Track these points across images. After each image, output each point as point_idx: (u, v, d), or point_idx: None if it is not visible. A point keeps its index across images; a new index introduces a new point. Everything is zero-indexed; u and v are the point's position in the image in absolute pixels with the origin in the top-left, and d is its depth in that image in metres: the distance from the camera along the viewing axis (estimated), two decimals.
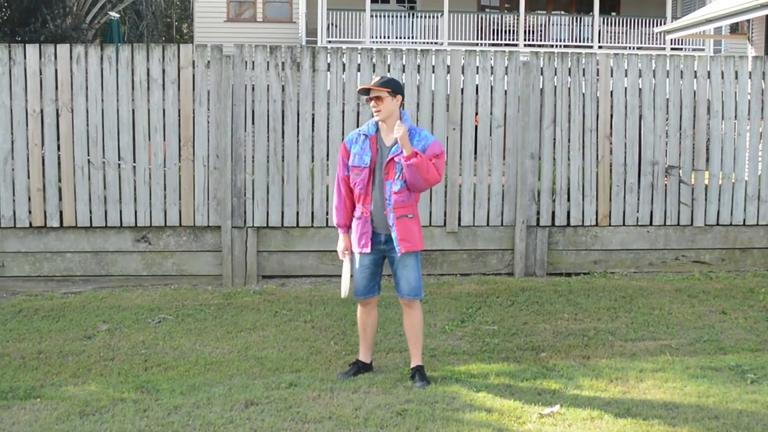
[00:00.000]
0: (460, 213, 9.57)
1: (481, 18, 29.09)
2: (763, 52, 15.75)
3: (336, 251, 6.42)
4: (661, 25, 25.02)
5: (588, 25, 28.91)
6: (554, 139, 9.63)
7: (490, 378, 6.25)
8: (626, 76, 9.72)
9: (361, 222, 6.13)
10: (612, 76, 9.72)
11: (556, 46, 27.61)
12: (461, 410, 5.56)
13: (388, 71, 9.37)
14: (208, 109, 9.20)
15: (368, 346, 6.43)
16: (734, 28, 19.57)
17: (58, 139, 9.06)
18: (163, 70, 9.13)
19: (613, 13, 30.14)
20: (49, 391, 6.05)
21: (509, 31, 28.66)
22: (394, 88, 6.03)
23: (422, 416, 5.43)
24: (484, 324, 7.80)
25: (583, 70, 9.66)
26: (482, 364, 6.63)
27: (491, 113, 9.56)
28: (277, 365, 6.67)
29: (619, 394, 5.90)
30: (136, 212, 9.15)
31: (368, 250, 6.12)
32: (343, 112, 9.37)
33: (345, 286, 6.32)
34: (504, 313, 8.15)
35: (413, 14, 29.33)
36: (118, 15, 18.43)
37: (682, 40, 25.40)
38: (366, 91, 6.11)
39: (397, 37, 27.96)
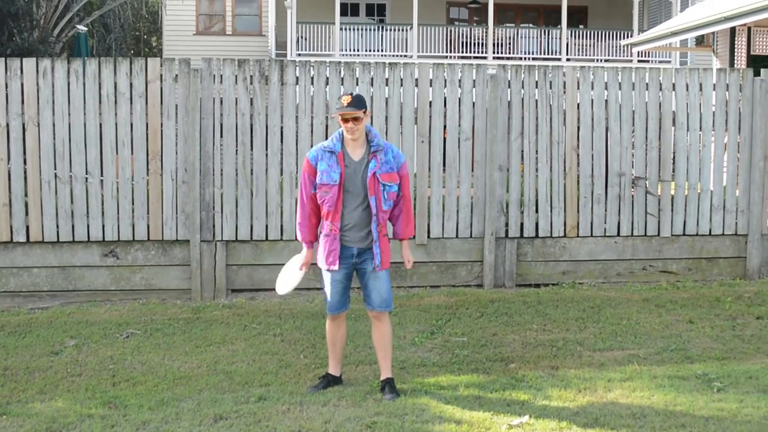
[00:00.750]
0: (429, 225, 9.60)
1: (450, 31, 29.23)
2: (727, 64, 15.94)
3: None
4: (628, 37, 25.27)
5: (556, 38, 29.14)
6: (522, 152, 9.70)
7: (460, 389, 6.27)
8: (593, 88, 9.81)
9: (329, 239, 6.10)
10: (579, 88, 9.81)
11: (525, 58, 27.80)
12: (431, 422, 5.57)
13: (357, 84, 9.39)
14: (177, 123, 9.18)
15: (338, 359, 6.42)
16: (700, 41, 19.78)
17: (25, 153, 9.00)
18: (131, 84, 9.10)
19: (581, 26, 30.41)
20: (15, 408, 5.99)
21: (478, 43, 28.83)
22: (365, 105, 6.06)
23: (392, 429, 5.43)
24: (453, 336, 7.82)
25: (550, 82, 9.74)
26: (452, 376, 6.64)
27: (459, 126, 9.61)
28: (246, 379, 6.65)
29: (587, 403, 5.94)
30: (103, 227, 9.10)
31: (336, 267, 6.11)
32: (312, 125, 9.39)
33: (285, 285, 6.50)
34: (473, 324, 8.17)
35: (383, 27, 29.42)
36: (85, 28, 18.34)
37: (648, 52, 25.65)
38: (350, 115, 6.02)
39: (366, 50, 28.03)
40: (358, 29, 28.64)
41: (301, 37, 27.99)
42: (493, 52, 27.95)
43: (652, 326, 8.07)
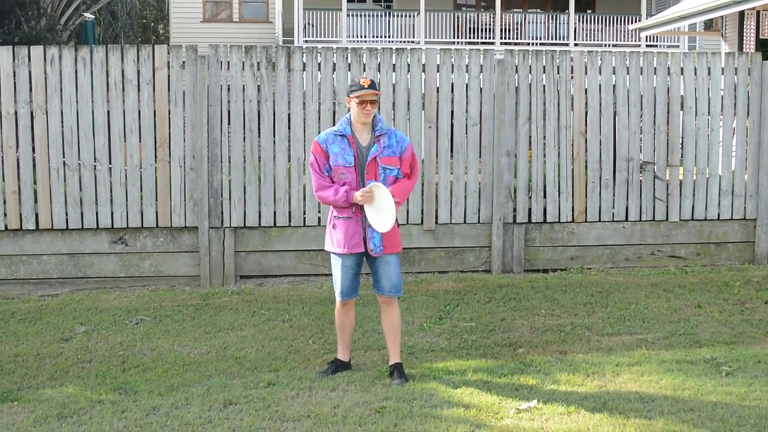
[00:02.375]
0: (437, 211, 9.60)
1: (458, 17, 29.14)
2: (736, 48, 15.88)
3: (312, 250, 6.39)
4: (636, 22, 25.15)
5: (564, 23, 29.02)
6: (530, 137, 9.68)
7: (468, 374, 6.28)
8: (600, 73, 9.77)
9: (351, 222, 6.06)
10: (586, 73, 9.77)
11: (533, 44, 27.72)
12: (439, 407, 5.58)
13: (364, 70, 9.38)
14: (184, 110, 9.18)
15: (346, 344, 6.44)
16: (708, 25, 19.71)
17: (33, 141, 9.02)
18: (138, 71, 9.11)
19: (589, 11, 30.28)
20: (26, 394, 6.02)
21: (485, 29, 28.73)
22: (378, 89, 6.09)
23: (401, 413, 5.44)
24: (461, 321, 7.83)
25: (558, 67, 9.71)
26: (460, 361, 6.65)
27: (467, 111, 9.59)
28: (255, 365, 6.67)
29: (595, 388, 5.95)
30: (112, 214, 9.12)
31: (362, 249, 6.09)
32: (319, 111, 9.38)
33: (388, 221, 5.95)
34: (481, 309, 8.19)
35: (390, 13, 29.34)
36: (93, 16, 18.34)
37: (656, 37, 25.56)
38: (357, 92, 5.99)
39: (373, 36, 27.97)
40: (365, 15, 28.57)
41: (308, 24, 27.93)
42: (501, 38, 27.87)
43: (661, 311, 8.07)
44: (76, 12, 20.27)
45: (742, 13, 15.61)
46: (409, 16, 28.49)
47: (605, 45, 27.65)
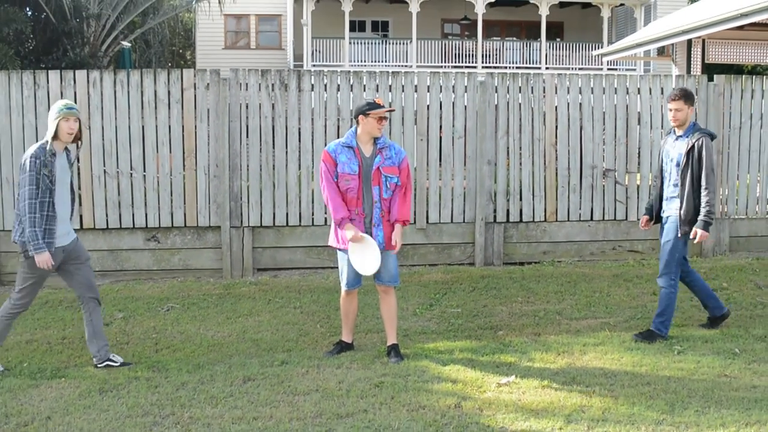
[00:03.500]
0: (427, 212, 9.58)
1: (445, 44, 29.13)
2: (685, 71, 15.86)
3: (319, 246, 6.38)
4: (598, 48, 25.15)
5: (536, 50, 29.02)
6: (508, 148, 9.67)
7: (455, 353, 6.27)
8: (568, 93, 9.77)
9: (356, 222, 6.03)
10: (556, 93, 9.76)
11: (510, 67, 27.71)
12: (431, 381, 5.57)
13: (364, 91, 9.36)
14: (208, 125, 9.16)
15: (350, 328, 6.42)
16: (661, 51, 19.68)
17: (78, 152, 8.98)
18: (169, 92, 9.08)
19: (558, 39, 30.31)
20: (72, 371, 6.00)
21: (469, 55, 28.72)
22: None
23: (397, 387, 5.43)
24: (449, 307, 7.81)
25: (532, 88, 9.70)
26: (448, 342, 6.64)
27: (453, 126, 9.58)
28: (270, 346, 6.65)
29: (565, 365, 5.94)
30: (146, 215, 9.10)
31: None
32: (325, 126, 9.36)
33: (368, 266, 6.01)
34: (466, 297, 8.17)
35: (386, 41, 29.33)
36: (129, 44, 18.31)
37: (616, 61, 25.54)
38: (375, 107, 6.00)
39: (372, 61, 27.95)
40: (364, 43, 28.56)
41: (315, 50, 27.92)
42: (483, 62, 27.86)
43: (621, 298, 8.06)
44: (115, 40, 20.21)
45: (690, 41, 15.60)
46: (403, 43, 28.48)
47: (572, 68, 27.65)
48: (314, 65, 27.05)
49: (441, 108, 9.56)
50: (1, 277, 8.99)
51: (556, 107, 9.75)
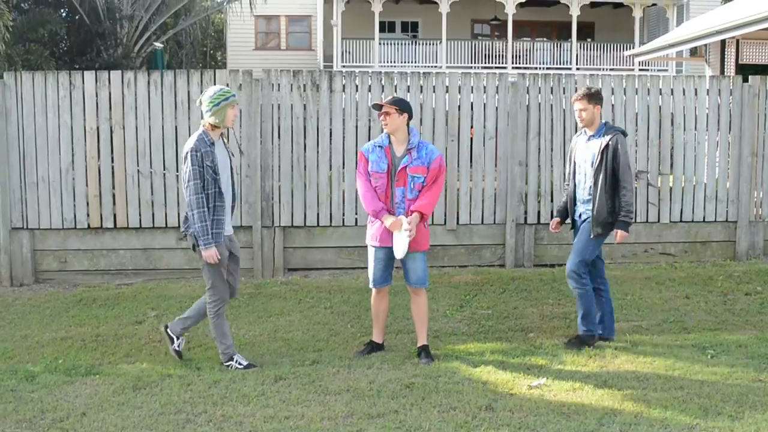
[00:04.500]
0: (458, 213, 9.57)
1: (475, 45, 29.07)
2: (718, 72, 15.68)
3: (350, 247, 6.36)
4: (630, 49, 24.97)
5: (567, 50, 28.87)
6: (539, 149, 9.62)
7: (486, 355, 6.26)
8: None
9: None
10: None
11: (540, 68, 27.58)
12: (461, 383, 5.57)
13: (395, 91, 9.36)
14: (241, 126, 9.22)
15: (380, 328, 6.44)
16: (693, 52, 19.48)
17: (112, 152, 9.09)
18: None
19: (589, 39, 30.11)
20: (106, 368, 6.08)
21: (499, 56, 28.64)
22: (401, 106, 6.06)
23: (427, 388, 5.44)
24: (479, 309, 7.80)
25: (564, 89, 9.65)
26: (478, 344, 6.63)
27: (484, 127, 9.56)
28: (301, 345, 6.69)
29: (597, 368, 5.90)
30: (179, 214, 9.16)
31: (390, 244, 6.10)
32: (357, 127, 9.38)
33: (401, 248, 6.03)
34: (497, 299, 8.15)
35: (416, 42, 29.33)
36: (161, 45, 18.47)
37: (648, 62, 25.33)
38: (379, 107, 6.13)
39: (402, 62, 27.97)
40: (394, 44, 28.59)
41: (345, 51, 27.99)
42: (513, 63, 27.77)
43: (653, 301, 7.99)
44: (148, 42, 20.41)
45: (723, 42, 15.42)
46: (433, 44, 28.47)
47: (603, 69, 27.47)
48: (344, 66, 27.11)
49: (472, 109, 9.53)
50: (37, 275, 9.12)
51: None
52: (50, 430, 4.86)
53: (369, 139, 8.67)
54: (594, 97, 6.46)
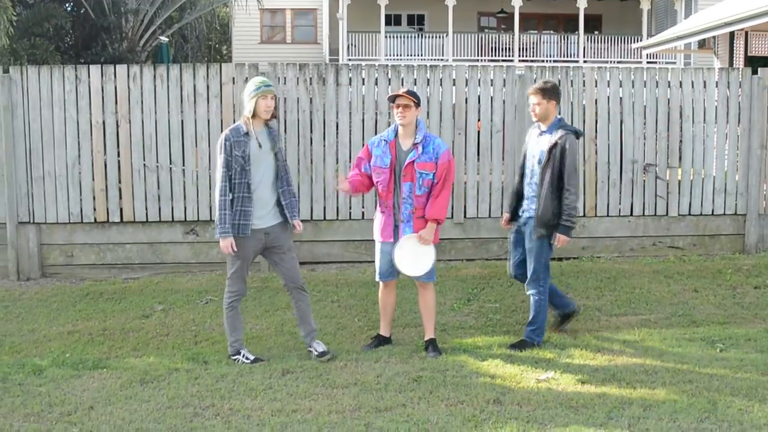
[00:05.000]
0: (465, 206, 9.56)
1: (481, 38, 29.01)
2: (727, 64, 15.64)
3: (357, 240, 6.36)
4: (638, 41, 24.87)
5: (574, 43, 28.79)
6: None
7: (494, 349, 6.26)
8: (608, 86, 9.67)
9: (386, 215, 6.12)
10: (596, 86, 9.67)
11: (547, 61, 27.51)
12: (469, 376, 5.57)
13: (402, 85, 9.35)
14: None
15: (388, 322, 6.44)
16: (702, 44, 19.42)
17: (118, 146, 9.10)
18: (207, 86, 9.15)
19: (596, 32, 30.01)
20: (113, 362, 6.10)
21: (506, 48, 28.57)
22: (418, 100, 6.08)
23: (435, 382, 5.44)
24: (487, 302, 7.80)
25: (571, 81, 9.62)
26: (486, 337, 6.63)
27: (491, 120, 9.54)
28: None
29: (605, 362, 5.90)
30: (185, 208, 9.19)
31: (392, 240, 6.11)
32: (363, 120, 9.37)
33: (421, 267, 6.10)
34: (504, 293, 8.14)
35: (422, 35, 29.29)
36: (167, 39, 18.49)
37: (656, 54, 25.25)
38: (393, 98, 6.08)
39: (408, 55, 27.92)
40: (400, 37, 28.55)
41: (351, 45, 27.96)
42: (519, 56, 27.70)
43: (662, 294, 7.98)
44: (153, 35, 20.41)
45: (732, 34, 15.37)
46: (439, 37, 28.42)
47: (611, 62, 27.35)
48: (350, 59, 27.09)
49: (479, 102, 9.52)
50: (43, 270, 9.14)
51: (595, 101, 9.67)
52: (58, 423, 4.88)
53: (375, 133, 8.65)
54: (549, 91, 6.25)
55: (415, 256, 6.02)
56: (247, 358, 6.02)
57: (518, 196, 6.49)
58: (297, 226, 6.11)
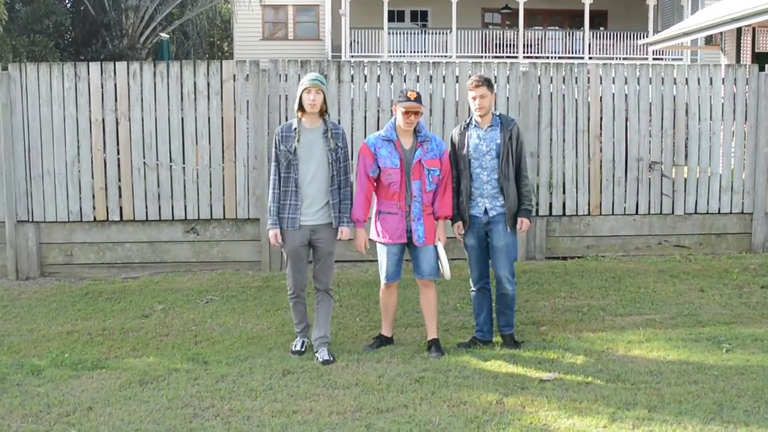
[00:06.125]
0: None
1: (485, 34, 28.99)
2: (734, 61, 15.59)
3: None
4: (644, 38, 24.83)
5: (579, 39, 28.76)
6: (551, 140, 9.59)
7: (497, 349, 6.25)
8: (614, 83, 9.66)
9: (398, 217, 6.08)
10: (601, 83, 9.65)
11: (552, 57, 27.48)
12: (471, 377, 5.57)
13: (404, 82, 9.34)
14: (248, 117, 9.22)
15: (390, 322, 6.44)
16: (708, 40, 19.36)
17: (118, 144, 9.11)
18: (208, 83, 9.15)
19: (602, 28, 29.97)
20: (112, 362, 6.10)
21: (510, 45, 28.56)
22: (423, 104, 6.09)
23: (437, 382, 5.44)
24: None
25: (576, 78, 9.61)
26: None
27: None
28: (309, 339, 6.68)
29: (609, 362, 5.89)
30: (185, 207, 9.19)
31: (405, 240, 6.10)
32: (365, 117, 9.37)
33: (446, 269, 6.24)
34: None
35: (425, 31, 29.27)
36: (167, 36, 18.48)
37: (662, 51, 25.20)
38: (403, 100, 6.02)
39: (411, 52, 27.91)
40: (403, 33, 28.53)
41: (354, 41, 27.96)
42: (524, 52, 27.68)
43: (667, 294, 7.96)
44: (153, 32, 20.43)
45: (739, 30, 15.32)
46: (443, 33, 28.40)
47: (616, 58, 27.35)
48: (352, 56, 27.09)
49: None
50: (43, 269, 9.15)
51: (600, 98, 9.65)
52: (56, 424, 4.88)
53: (378, 130, 8.63)
54: (491, 84, 6.22)
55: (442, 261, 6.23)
56: (292, 348, 6.21)
57: (466, 197, 6.27)
58: (342, 232, 6.18)
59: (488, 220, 6.28)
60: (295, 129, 5.98)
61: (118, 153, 9.12)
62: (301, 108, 5.99)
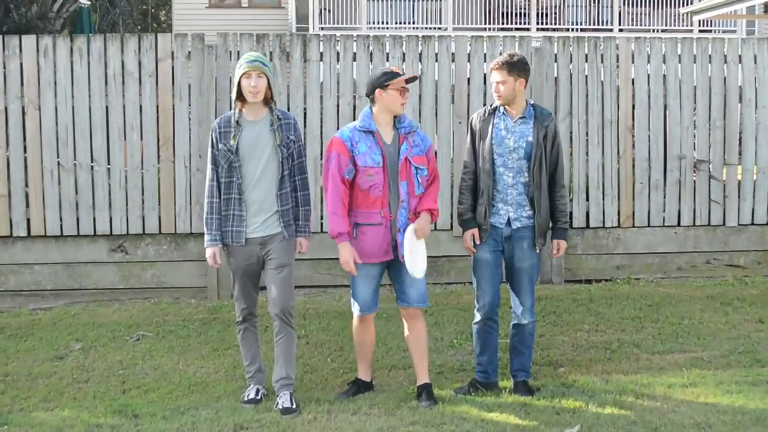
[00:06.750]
0: None
1: (489, 1, 29.10)
2: None
3: (330, 259, 6.36)
4: (687, 5, 25.04)
5: (607, 6, 28.91)
6: (570, 133, 9.65)
7: (503, 396, 6.26)
8: (649, 62, 9.73)
9: (382, 228, 6.04)
10: (633, 62, 9.73)
11: (572, 29, 27.60)
12: None
13: (387, 60, 9.38)
14: (190, 105, 9.22)
15: (368, 363, 6.43)
16: None
17: (25, 140, 9.08)
18: (140, 63, 9.15)
19: None
20: (17, 417, 6.06)
21: (520, 13, 28.65)
22: None
23: None
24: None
25: (602, 56, 9.68)
26: None
27: None
28: (268, 385, 6.66)
29: (645, 412, 5.91)
30: (111, 219, 9.17)
31: (391, 256, 6.08)
32: (338, 105, 9.39)
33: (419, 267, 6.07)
34: None
35: None
36: (88, 2, 18.45)
37: (710, 21, 25.40)
38: (394, 76, 6.05)
39: (396, 23, 27.93)
40: (386, 0, 28.59)
41: (325, 9, 27.97)
42: (537, 23, 27.79)
43: (718, 326, 8.01)
44: None
45: None
46: (436, 0, 28.49)
47: (653, 30, 27.50)
48: (323, 28, 27.11)
49: (485, 82, 9.55)
50: None
51: (633, 81, 9.73)
52: None
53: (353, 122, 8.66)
54: (517, 66, 6.12)
55: (410, 254, 5.98)
56: (245, 397, 6.21)
57: (488, 200, 6.30)
58: (301, 244, 6.25)
59: (510, 234, 6.28)
60: (237, 123, 5.98)
61: (25, 151, 9.09)
62: (240, 97, 5.99)
